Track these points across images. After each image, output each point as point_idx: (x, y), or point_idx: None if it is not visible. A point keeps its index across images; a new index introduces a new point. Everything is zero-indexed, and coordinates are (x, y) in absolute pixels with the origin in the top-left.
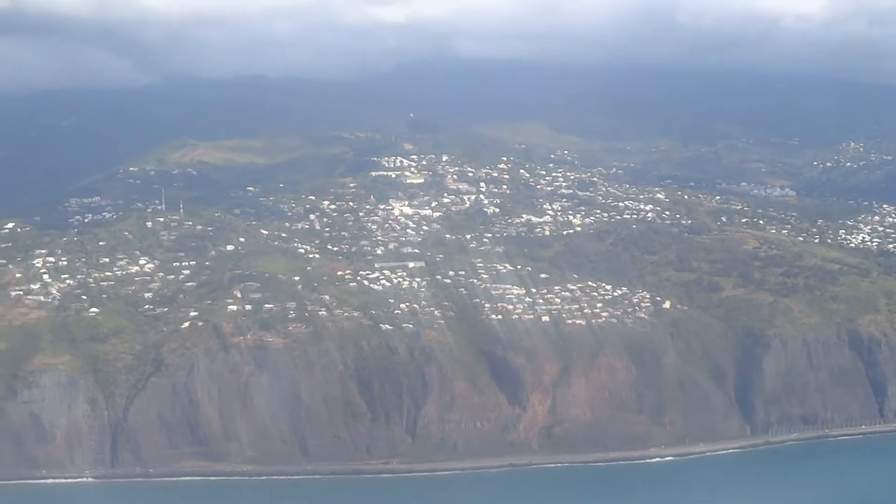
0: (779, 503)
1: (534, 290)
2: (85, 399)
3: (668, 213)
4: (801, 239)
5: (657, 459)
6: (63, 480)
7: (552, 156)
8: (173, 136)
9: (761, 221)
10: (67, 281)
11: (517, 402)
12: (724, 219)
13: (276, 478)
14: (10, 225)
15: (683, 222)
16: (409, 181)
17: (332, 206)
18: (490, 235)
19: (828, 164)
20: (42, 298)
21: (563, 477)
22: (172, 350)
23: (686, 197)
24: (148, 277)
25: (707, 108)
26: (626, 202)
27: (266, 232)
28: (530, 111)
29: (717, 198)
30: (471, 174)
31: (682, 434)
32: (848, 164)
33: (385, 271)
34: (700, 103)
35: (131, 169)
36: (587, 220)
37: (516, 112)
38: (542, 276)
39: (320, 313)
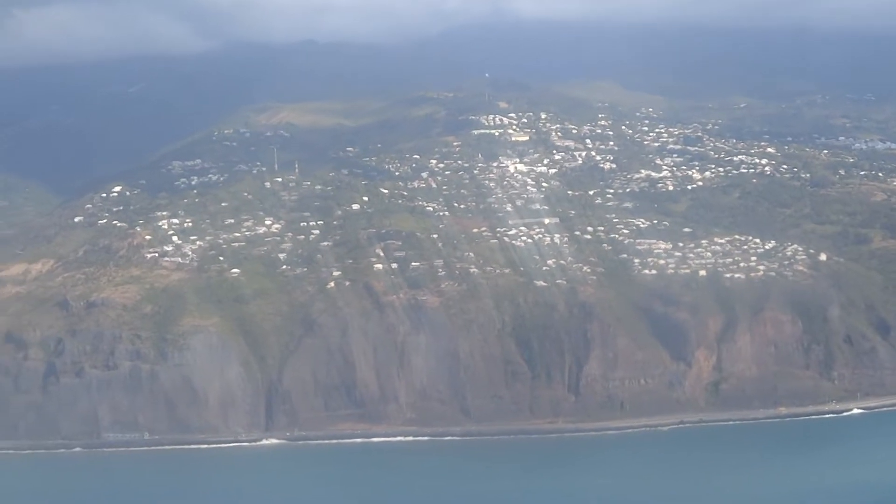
0: None
1: (681, 245)
2: (238, 361)
3: (784, 166)
4: None
5: (830, 416)
6: (217, 445)
7: (637, 114)
8: (244, 100)
9: (880, 174)
10: (198, 242)
11: (681, 359)
12: (841, 172)
13: (439, 439)
14: (118, 188)
15: (803, 176)
16: (513, 139)
17: (441, 165)
18: (612, 191)
19: None
20: (180, 260)
21: (738, 434)
22: (323, 310)
23: (794, 151)
24: (277, 238)
25: (776, 66)
26: (740, 157)
27: (386, 191)
28: (599, 71)
29: (825, 152)
30: (574, 131)
31: (852, 389)
32: None
33: (522, 227)
34: (768, 60)
35: (226, 131)
36: (706, 174)
37: (585, 72)
38: (685, 230)
39: (471, 271)
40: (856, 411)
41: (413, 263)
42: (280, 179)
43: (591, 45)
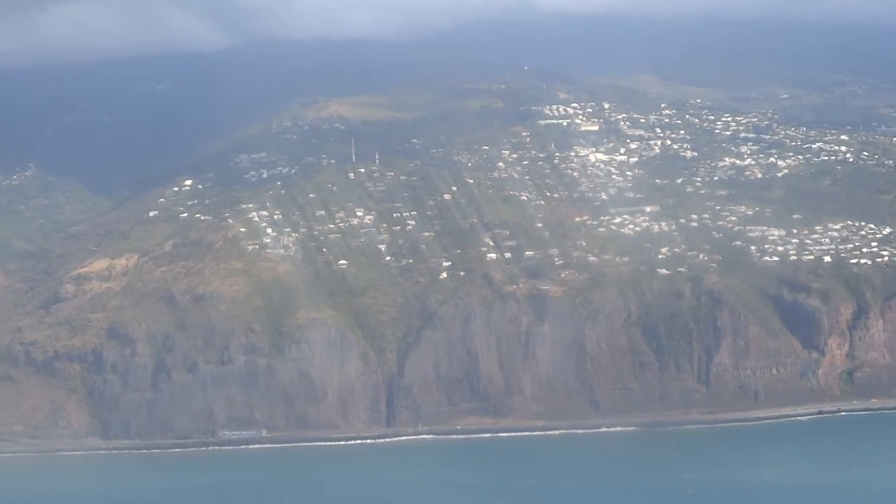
0: None
1: (794, 231)
2: (356, 354)
3: (865, 153)
4: None
5: None
6: (339, 442)
7: (687, 104)
8: (285, 95)
9: None
10: (293, 234)
11: (813, 347)
12: None
13: (568, 432)
14: (189, 182)
15: (887, 162)
16: (583, 128)
17: (515, 156)
18: (699, 179)
19: None
20: (283, 252)
21: (881, 423)
22: (442, 301)
23: (867, 139)
24: (373, 229)
25: (804, 57)
26: (817, 144)
27: (471, 181)
28: (632, 64)
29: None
30: (642, 121)
31: None
32: None
33: (625, 216)
34: (796, 52)
35: (284, 124)
36: (789, 161)
37: (618, 65)
38: (795, 216)
39: (590, 259)
40: None
41: (527, 252)
42: (363, 170)
43: (617, 39)
